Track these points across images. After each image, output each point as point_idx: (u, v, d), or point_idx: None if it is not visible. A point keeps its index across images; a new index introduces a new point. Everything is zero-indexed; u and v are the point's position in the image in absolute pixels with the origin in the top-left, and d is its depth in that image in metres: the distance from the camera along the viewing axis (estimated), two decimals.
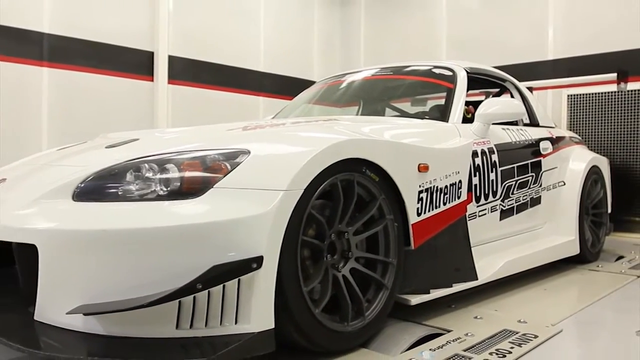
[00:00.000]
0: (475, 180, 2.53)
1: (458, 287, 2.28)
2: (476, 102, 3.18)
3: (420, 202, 2.11)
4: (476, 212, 2.55)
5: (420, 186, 2.12)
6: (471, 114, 2.95)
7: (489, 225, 2.68)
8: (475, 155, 2.55)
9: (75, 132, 4.52)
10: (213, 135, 2.21)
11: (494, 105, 2.74)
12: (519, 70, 4.98)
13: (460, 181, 2.35)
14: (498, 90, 3.75)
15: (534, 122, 3.55)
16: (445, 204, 2.25)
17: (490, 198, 2.67)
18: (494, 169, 2.69)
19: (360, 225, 1.94)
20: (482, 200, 2.60)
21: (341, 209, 1.85)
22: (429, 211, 2.15)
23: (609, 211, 3.99)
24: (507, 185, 2.82)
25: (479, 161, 2.57)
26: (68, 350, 1.51)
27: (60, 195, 1.69)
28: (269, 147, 1.84)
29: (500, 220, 2.78)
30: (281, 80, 6.49)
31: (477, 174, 2.55)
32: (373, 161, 1.91)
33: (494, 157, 2.70)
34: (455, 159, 2.38)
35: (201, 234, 1.53)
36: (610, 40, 5.21)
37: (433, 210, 2.18)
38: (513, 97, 3.46)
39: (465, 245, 2.37)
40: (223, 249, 1.53)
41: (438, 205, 2.21)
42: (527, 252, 2.89)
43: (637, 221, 4.97)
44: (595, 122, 5.17)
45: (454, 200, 2.31)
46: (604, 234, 3.86)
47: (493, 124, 2.80)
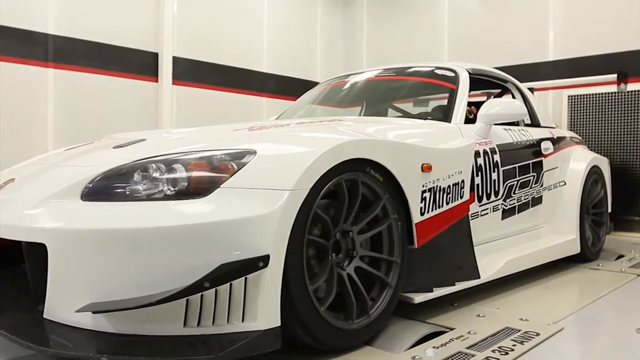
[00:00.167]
0: (478, 180, 2.54)
1: (461, 285, 2.30)
2: (478, 102, 3.20)
3: (424, 201, 2.13)
4: (478, 212, 2.57)
5: (423, 186, 2.14)
6: (473, 115, 2.97)
7: (491, 224, 2.70)
8: (478, 155, 2.57)
9: (80, 133, 4.52)
10: (219, 135, 2.23)
11: (495, 106, 2.75)
12: (520, 71, 4.98)
13: (462, 181, 2.37)
14: (500, 90, 3.76)
15: (535, 122, 3.56)
16: (448, 203, 2.27)
17: (492, 198, 2.69)
18: (496, 169, 2.71)
19: (364, 224, 1.95)
20: (484, 200, 2.62)
21: (346, 208, 1.86)
22: (432, 210, 2.17)
23: (609, 210, 4.01)
24: (508, 185, 2.84)
25: (481, 161, 2.59)
26: (77, 348, 1.52)
27: (69, 195, 1.70)
28: (275, 148, 1.85)
29: (502, 219, 2.80)
30: (284, 81, 6.50)
31: (480, 173, 2.56)
32: (377, 161, 1.92)
33: (496, 157, 2.72)
34: (458, 159, 2.40)
35: (208, 233, 1.54)
36: (610, 42, 5.22)
37: (436, 209, 2.19)
38: (514, 98, 3.47)
39: (467, 244, 2.39)
40: (230, 248, 1.54)
41: (441, 204, 2.23)
42: (529, 251, 2.90)
43: (637, 221, 4.99)
44: (595, 123, 5.19)
45: (457, 200, 2.33)
46: (604, 233, 3.87)
47: (495, 124, 2.81)
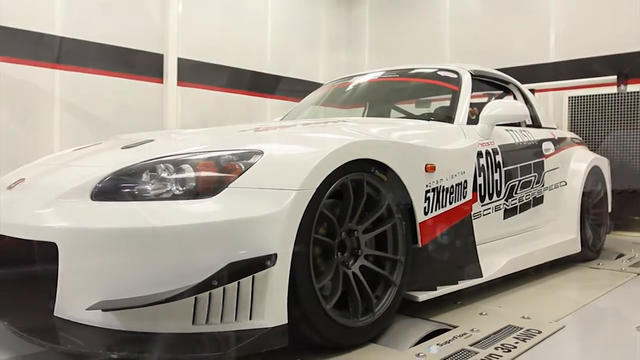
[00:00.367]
0: (480, 180, 2.57)
1: (463, 284, 2.32)
2: (480, 103, 3.22)
3: (427, 201, 2.16)
4: (481, 211, 2.59)
5: (427, 186, 2.16)
6: (475, 116, 2.99)
7: (493, 224, 2.72)
8: (480, 155, 2.59)
9: (86, 134, 4.56)
10: (226, 136, 2.25)
11: (498, 107, 2.78)
12: (521, 73, 5.00)
13: (465, 181, 2.40)
14: (501, 92, 3.78)
15: (536, 123, 3.59)
16: (451, 203, 2.29)
17: (495, 197, 2.71)
18: (498, 169, 2.73)
19: (369, 223, 1.97)
20: (487, 200, 2.64)
21: (351, 208, 1.88)
22: (435, 210, 2.19)
23: (609, 210, 4.03)
24: (510, 185, 2.86)
25: (483, 161, 2.61)
26: (87, 345, 1.55)
27: (79, 194, 1.72)
28: (282, 148, 1.88)
29: (504, 219, 2.82)
30: (288, 82, 6.52)
31: (482, 174, 2.59)
32: (382, 161, 1.95)
33: (498, 158, 2.75)
34: (461, 160, 2.42)
35: (216, 233, 1.56)
36: (610, 43, 5.25)
37: (439, 209, 2.22)
38: (516, 99, 3.49)
39: (470, 244, 2.42)
40: (238, 246, 1.56)
41: (444, 204, 2.25)
42: (530, 250, 2.92)
43: (637, 220, 5.01)
44: (595, 123, 5.21)
45: (460, 200, 2.35)
46: (605, 232, 3.89)
47: (497, 125, 2.83)
